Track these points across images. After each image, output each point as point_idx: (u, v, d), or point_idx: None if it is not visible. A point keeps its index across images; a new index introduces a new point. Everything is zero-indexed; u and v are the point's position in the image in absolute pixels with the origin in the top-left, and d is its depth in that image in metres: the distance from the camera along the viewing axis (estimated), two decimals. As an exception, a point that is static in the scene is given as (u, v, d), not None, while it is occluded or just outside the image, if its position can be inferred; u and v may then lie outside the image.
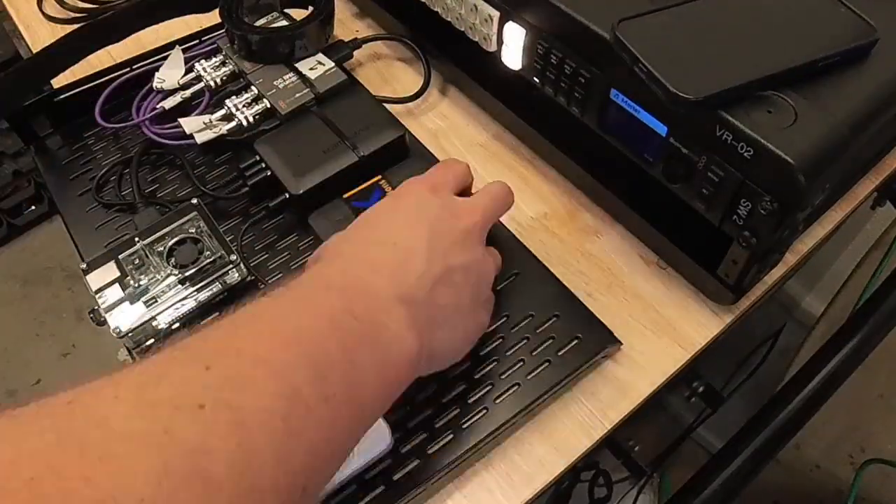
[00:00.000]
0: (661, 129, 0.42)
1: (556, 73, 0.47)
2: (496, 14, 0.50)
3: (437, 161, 0.56)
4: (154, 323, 0.46)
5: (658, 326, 0.48)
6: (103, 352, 1.42)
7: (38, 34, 0.70)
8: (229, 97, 0.57)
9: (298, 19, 0.63)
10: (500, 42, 0.51)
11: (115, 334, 0.44)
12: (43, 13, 0.71)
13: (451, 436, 0.43)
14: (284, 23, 0.62)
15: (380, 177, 0.53)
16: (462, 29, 0.54)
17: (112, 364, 1.41)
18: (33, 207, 1.62)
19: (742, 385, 0.85)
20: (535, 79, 0.50)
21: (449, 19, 0.55)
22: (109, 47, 0.60)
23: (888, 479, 0.94)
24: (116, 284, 0.46)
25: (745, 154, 0.38)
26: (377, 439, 0.41)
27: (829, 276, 0.77)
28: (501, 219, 0.52)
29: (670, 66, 0.38)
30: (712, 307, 0.48)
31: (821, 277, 0.78)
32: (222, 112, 0.56)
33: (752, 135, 0.37)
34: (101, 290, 0.46)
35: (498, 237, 0.51)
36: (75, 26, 0.69)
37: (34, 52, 0.69)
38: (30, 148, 0.59)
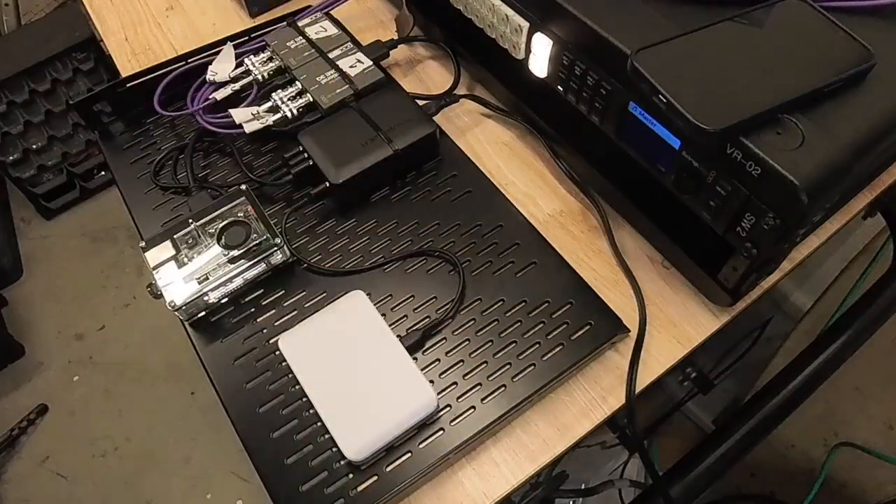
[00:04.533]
0: (675, 143, 0.40)
1: (579, 84, 0.46)
2: (525, 25, 0.48)
3: (466, 158, 0.55)
4: (205, 298, 0.46)
5: (659, 322, 0.47)
6: (159, 304, 1.44)
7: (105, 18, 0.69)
8: (275, 91, 0.56)
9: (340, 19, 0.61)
10: (528, 51, 0.49)
11: (170, 307, 0.44)
12: None
13: (472, 410, 0.42)
14: (328, 23, 0.61)
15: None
16: (493, 37, 0.52)
17: (168, 315, 1.43)
18: (103, 173, 1.63)
19: (729, 369, 0.83)
20: (559, 87, 0.48)
21: (481, 27, 0.53)
22: (172, 40, 0.59)
23: (857, 461, 0.93)
24: (172, 262, 0.46)
25: (753, 172, 0.36)
26: (425, 403, 0.41)
27: (819, 275, 0.75)
28: (522, 211, 0.51)
29: (689, 96, 0.36)
30: (710, 307, 0.47)
31: (810, 276, 0.76)
32: (269, 104, 0.55)
33: (760, 154, 0.35)
34: (158, 266, 0.45)
35: (518, 228, 0.50)
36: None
37: (101, 32, 0.69)
38: (95, 133, 0.58)
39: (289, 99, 0.55)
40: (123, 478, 1.24)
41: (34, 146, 1.50)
